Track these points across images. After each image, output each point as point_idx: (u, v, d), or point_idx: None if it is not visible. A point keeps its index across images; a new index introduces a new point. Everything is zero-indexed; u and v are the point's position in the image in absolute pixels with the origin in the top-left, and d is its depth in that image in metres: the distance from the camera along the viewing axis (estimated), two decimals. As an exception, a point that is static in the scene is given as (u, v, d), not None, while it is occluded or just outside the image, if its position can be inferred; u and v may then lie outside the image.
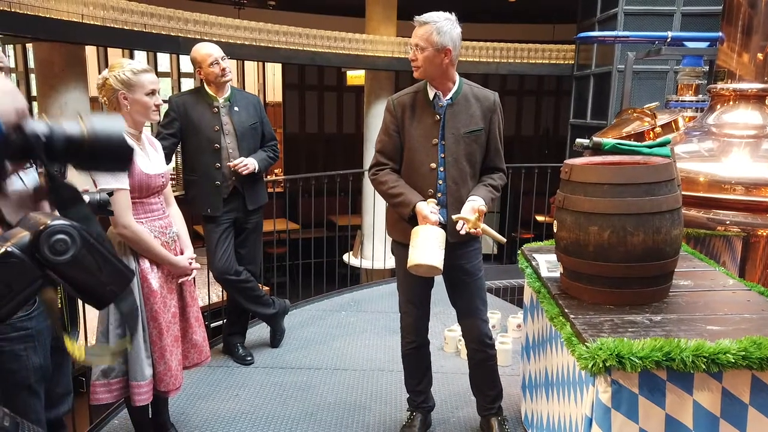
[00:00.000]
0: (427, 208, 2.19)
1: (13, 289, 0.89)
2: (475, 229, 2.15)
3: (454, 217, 2.18)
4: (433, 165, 2.26)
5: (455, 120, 2.25)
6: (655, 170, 1.83)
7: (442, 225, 2.22)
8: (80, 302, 2.20)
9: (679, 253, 1.92)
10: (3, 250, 0.88)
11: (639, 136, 3.52)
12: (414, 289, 2.43)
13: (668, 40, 4.61)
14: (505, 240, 2.24)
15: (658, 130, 3.54)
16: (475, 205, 2.19)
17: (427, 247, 2.11)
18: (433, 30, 2.14)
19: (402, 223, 2.30)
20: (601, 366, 1.52)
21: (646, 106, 4.00)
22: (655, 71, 7.34)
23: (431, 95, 2.26)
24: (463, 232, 2.15)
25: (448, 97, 2.26)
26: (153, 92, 2.17)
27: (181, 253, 2.35)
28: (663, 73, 7.36)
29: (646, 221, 1.79)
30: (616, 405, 1.55)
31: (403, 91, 2.36)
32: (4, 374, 1.62)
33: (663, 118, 3.68)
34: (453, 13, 2.21)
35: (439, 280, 2.47)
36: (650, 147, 2.22)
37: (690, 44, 4.59)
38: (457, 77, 2.28)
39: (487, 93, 2.31)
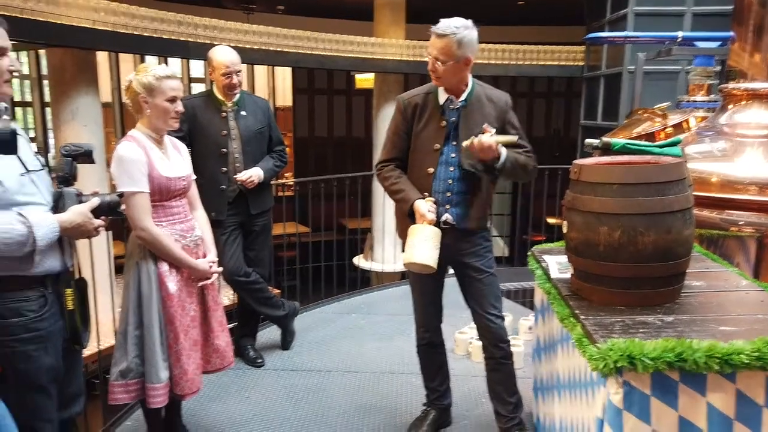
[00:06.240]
0: (425, 207, 2.20)
1: None
2: (482, 143, 2.08)
3: (464, 143, 2.14)
4: (431, 170, 2.27)
5: (469, 121, 2.24)
6: (666, 169, 1.82)
7: (437, 224, 2.23)
8: (92, 303, 2.22)
9: (691, 253, 1.90)
10: None
11: (650, 137, 3.50)
12: (424, 285, 2.44)
13: (679, 40, 4.57)
14: (516, 138, 2.17)
15: (669, 130, 3.52)
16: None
17: (422, 247, 2.14)
18: (453, 43, 2.11)
19: (406, 219, 2.31)
20: (612, 367, 1.50)
21: (657, 106, 3.97)
22: (665, 72, 7.28)
23: (442, 99, 2.26)
24: (467, 142, 2.13)
25: (461, 99, 2.25)
26: (174, 99, 2.18)
27: (204, 257, 2.35)
28: (674, 74, 7.30)
29: (657, 221, 1.77)
30: (628, 406, 1.53)
31: (414, 90, 2.35)
32: (16, 374, 1.64)
33: (674, 119, 3.65)
34: (469, 20, 2.16)
35: (451, 282, 2.47)
36: (661, 147, 2.21)
37: (701, 44, 4.55)
38: (469, 78, 2.27)
39: (499, 94, 2.31)
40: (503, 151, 2.16)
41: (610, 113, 8.00)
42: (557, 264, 2.28)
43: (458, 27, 2.11)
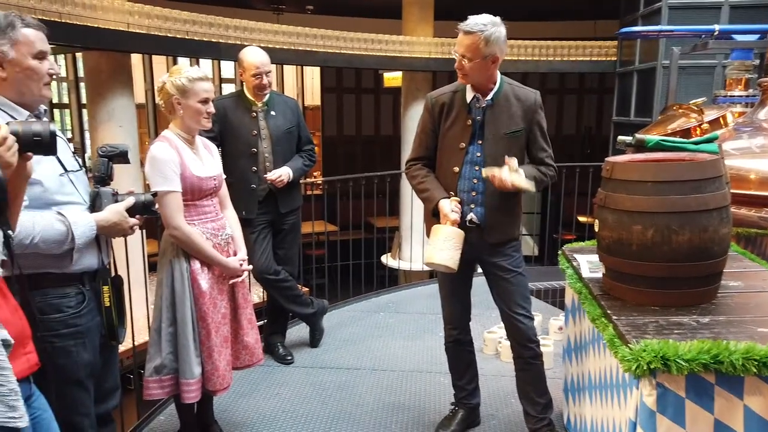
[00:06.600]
0: (449, 207, 2.19)
1: None
2: (502, 181, 2.09)
3: (484, 171, 2.15)
4: (456, 169, 2.27)
5: (495, 120, 2.22)
6: (702, 167, 1.78)
7: (462, 223, 2.22)
8: (128, 300, 2.28)
9: (728, 252, 1.85)
10: None
11: (685, 133, 3.41)
12: (452, 283, 2.44)
13: (716, 33, 4.45)
14: (533, 189, 2.17)
15: (705, 126, 3.43)
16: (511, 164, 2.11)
17: (443, 247, 2.14)
18: (481, 41, 2.08)
19: (432, 219, 2.30)
20: (645, 368, 1.48)
21: (693, 101, 3.88)
22: (701, 66, 7.10)
23: (469, 98, 2.25)
24: (484, 174, 2.15)
25: (488, 97, 2.23)
26: (206, 100, 2.22)
27: (235, 255, 2.39)
28: (710, 68, 7.12)
29: (692, 219, 1.73)
30: (662, 409, 1.50)
31: (443, 89, 2.35)
32: (55, 369, 1.69)
33: (710, 114, 3.55)
34: (497, 16, 2.13)
35: (480, 281, 2.46)
36: (696, 143, 2.15)
37: (739, 37, 4.42)
38: (498, 77, 2.25)
39: (527, 92, 2.28)
40: (524, 184, 2.14)
41: (643, 109, 7.84)
42: (588, 263, 2.25)
43: (486, 24, 2.08)
